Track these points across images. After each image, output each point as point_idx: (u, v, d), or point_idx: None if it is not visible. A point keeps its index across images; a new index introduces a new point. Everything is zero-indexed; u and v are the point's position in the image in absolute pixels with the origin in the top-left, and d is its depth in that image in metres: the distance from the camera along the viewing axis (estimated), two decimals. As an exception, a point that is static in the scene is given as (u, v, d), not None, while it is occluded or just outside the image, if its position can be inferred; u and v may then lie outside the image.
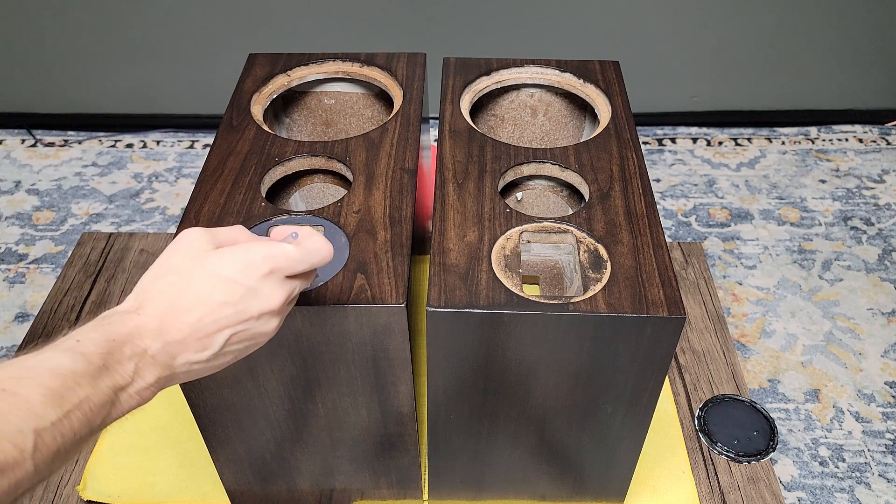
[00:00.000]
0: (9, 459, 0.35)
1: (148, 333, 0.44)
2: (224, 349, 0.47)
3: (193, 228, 0.49)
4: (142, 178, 1.71)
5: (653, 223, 0.69)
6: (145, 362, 0.43)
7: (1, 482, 0.35)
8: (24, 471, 0.36)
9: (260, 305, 0.47)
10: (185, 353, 0.45)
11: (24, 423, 0.36)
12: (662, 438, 0.92)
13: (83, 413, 0.39)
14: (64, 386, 0.38)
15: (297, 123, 0.97)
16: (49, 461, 0.37)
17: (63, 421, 0.38)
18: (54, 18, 1.67)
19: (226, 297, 0.46)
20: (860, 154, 1.76)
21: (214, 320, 0.46)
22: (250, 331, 0.48)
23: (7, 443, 0.35)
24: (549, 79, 0.89)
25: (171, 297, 0.45)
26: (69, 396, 0.38)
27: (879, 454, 1.13)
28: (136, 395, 0.43)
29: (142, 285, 0.47)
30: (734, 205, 1.61)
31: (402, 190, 0.73)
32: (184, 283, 0.46)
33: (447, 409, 0.71)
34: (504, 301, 0.61)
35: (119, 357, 0.42)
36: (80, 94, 1.81)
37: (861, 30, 1.70)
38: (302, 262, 0.49)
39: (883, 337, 1.31)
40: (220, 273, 0.46)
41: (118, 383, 0.41)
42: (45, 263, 1.48)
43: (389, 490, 0.84)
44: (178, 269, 0.47)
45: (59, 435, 0.38)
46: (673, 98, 1.81)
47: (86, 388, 0.39)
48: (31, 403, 0.37)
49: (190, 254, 0.47)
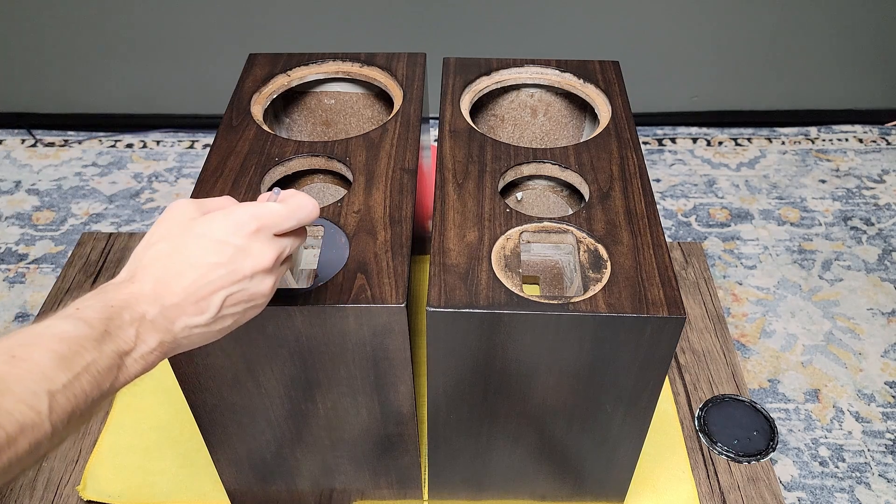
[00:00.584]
0: (27, 420, 0.36)
1: (144, 299, 0.45)
2: (222, 312, 0.48)
3: (181, 199, 0.50)
4: (142, 178, 1.71)
5: (653, 223, 0.69)
6: (145, 327, 0.44)
7: (21, 443, 0.36)
8: (43, 431, 0.37)
9: (252, 264, 0.48)
10: (183, 317, 0.46)
11: (37, 385, 0.37)
12: (662, 438, 0.92)
13: (92, 376, 0.40)
14: (70, 350, 0.39)
15: (297, 123, 0.97)
16: (65, 422, 0.39)
17: (73, 383, 0.39)
18: (54, 18, 1.67)
19: (216, 257, 0.47)
20: (860, 154, 1.76)
21: (208, 282, 0.46)
22: (246, 291, 0.49)
23: (23, 405, 0.36)
24: (549, 79, 0.89)
25: (163, 262, 0.46)
26: (76, 360, 0.39)
27: (879, 454, 1.13)
28: (141, 359, 0.44)
29: (134, 256, 0.48)
30: (734, 205, 1.61)
31: (402, 190, 0.73)
32: (174, 248, 0.47)
33: (447, 409, 0.71)
34: (504, 301, 0.61)
35: (119, 323, 0.43)
36: (80, 94, 1.81)
37: (861, 30, 1.70)
38: (289, 219, 0.50)
39: (883, 337, 1.31)
40: (209, 235, 0.47)
41: (122, 348, 0.42)
42: (45, 263, 1.48)
43: (389, 490, 0.84)
44: (167, 236, 0.48)
45: (72, 396, 0.39)
46: (673, 98, 1.81)
47: (91, 352, 0.40)
48: (41, 367, 0.38)
49: (178, 221, 0.48)
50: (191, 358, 0.67)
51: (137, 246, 0.49)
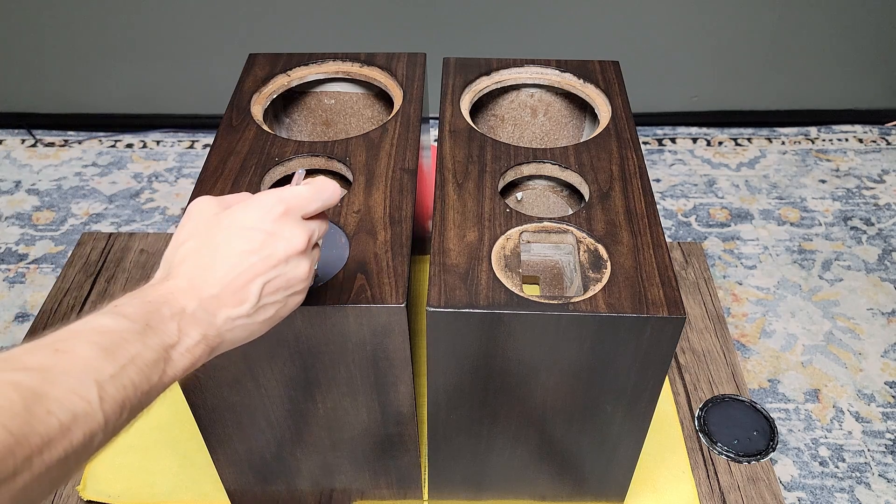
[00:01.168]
0: (79, 410, 0.36)
1: (181, 294, 0.44)
2: (262, 301, 0.47)
3: (202, 197, 0.50)
4: (142, 178, 1.71)
5: (653, 223, 0.69)
6: (186, 321, 0.44)
7: (76, 433, 0.35)
8: (96, 421, 0.37)
9: (284, 247, 0.47)
10: (224, 309, 0.46)
11: (84, 375, 0.37)
12: (662, 438, 0.92)
13: (138, 368, 0.40)
14: (113, 343, 0.39)
15: (297, 123, 0.96)
16: (117, 413, 0.38)
17: (120, 374, 0.39)
18: (54, 18, 1.67)
19: (248, 244, 0.46)
20: (860, 154, 1.76)
21: (243, 270, 0.46)
22: (283, 277, 0.48)
23: (73, 395, 0.36)
24: (549, 79, 0.89)
25: (195, 257, 0.46)
26: (120, 352, 0.39)
27: (879, 454, 1.13)
28: (187, 353, 0.44)
29: (165, 258, 0.48)
30: (734, 205, 1.61)
31: (402, 190, 0.73)
32: (203, 243, 0.47)
33: (447, 409, 0.71)
34: (504, 301, 0.61)
35: (159, 318, 0.42)
36: (80, 94, 1.81)
37: (861, 30, 1.70)
38: (314, 200, 0.50)
39: (883, 337, 1.31)
40: (237, 224, 0.47)
41: (166, 342, 0.42)
42: (45, 263, 1.48)
43: (389, 490, 0.84)
44: (195, 233, 0.47)
45: (121, 387, 0.38)
46: (673, 98, 1.81)
47: (135, 345, 0.40)
48: (86, 359, 0.38)
49: (203, 218, 0.48)
50: (191, 358, 0.67)
51: (167, 249, 0.49)
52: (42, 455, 0.34)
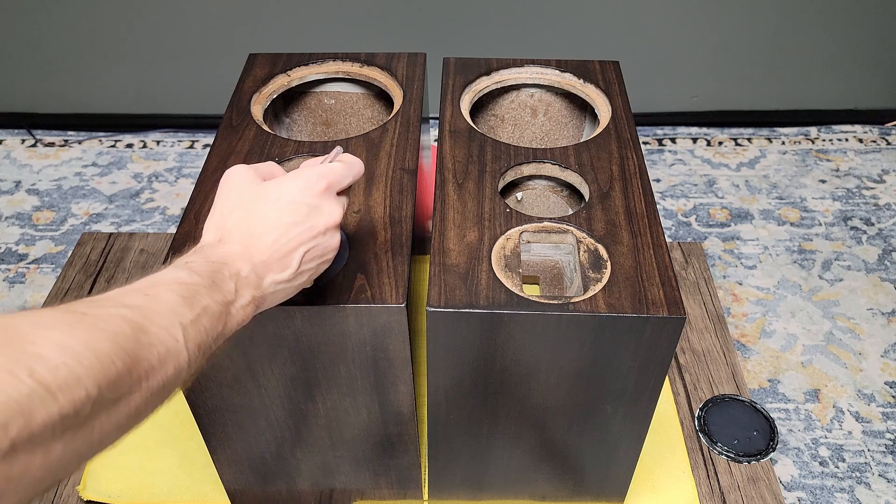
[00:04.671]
0: (171, 346, 0.40)
1: (237, 257, 0.49)
2: (301, 267, 0.52)
3: (237, 166, 0.54)
4: (142, 178, 1.71)
5: (653, 223, 0.69)
6: (241, 282, 0.49)
7: (168, 367, 0.39)
8: (184, 358, 0.41)
9: (325, 220, 0.53)
10: (271, 273, 0.51)
11: (172, 317, 0.41)
12: (662, 438, 0.92)
13: (208, 318, 0.44)
14: (190, 293, 0.43)
15: (297, 123, 0.96)
16: (196, 354, 0.42)
17: (197, 321, 0.43)
18: (54, 18, 1.67)
19: (293, 216, 0.51)
20: (860, 154, 1.76)
21: (289, 239, 0.51)
22: (320, 246, 0.53)
23: (165, 332, 0.40)
24: (549, 79, 0.89)
25: (247, 226, 0.51)
26: (195, 301, 0.43)
27: (879, 454, 1.13)
28: (241, 310, 0.48)
29: (214, 223, 0.52)
30: (734, 205, 1.61)
31: (402, 190, 0.73)
32: (252, 213, 0.51)
33: (447, 409, 0.71)
34: (504, 301, 0.61)
35: (221, 277, 0.47)
36: (80, 94, 1.81)
37: (861, 30, 1.70)
38: (347, 176, 0.55)
39: (883, 337, 1.31)
40: (284, 197, 0.52)
41: (227, 298, 0.47)
42: (45, 263, 1.48)
43: (389, 490, 0.84)
44: (241, 204, 0.52)
45: (198, 332, 0.43)
46: (673, 98, 1.81)
47: (205, 298, 0.44)
48: (170, 303, 0.42)
49: (246, 188, 0.52)
50: (191, 358, 0.67)
51: (211, 214, 0.53)
52: (148, 380, 0.38)
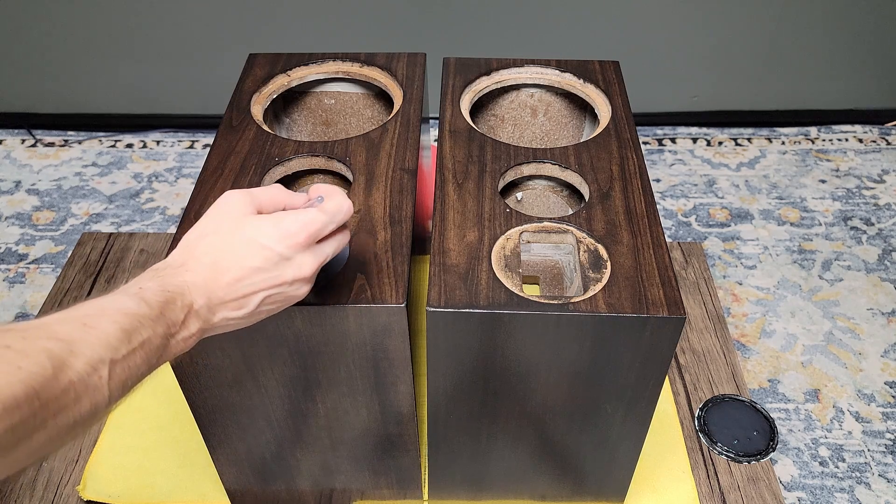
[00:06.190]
0: (91, 384, 0.40)
1: (195, 289, 0.48)
2: (258, 308, 0.52)
3: (235, 191, 0.53)
4: (142, 178, 1.71)
5: (653, 223, 0.69)
6: (192, 314, 0.48)
7: (84, 404, 0.39)
8: (102, 396, 0.40)
9: (293, 273, 0.52)
10: (224, 311, 0.50)
11: (103, 352, 0.41)
12: (662, 438, 0.92)
13: (145, 352, 0.44)
14: (132, 326, 0.43)
15: (297, 123, 0.96)
16: (118, 392, 0.42)
17: (130, 356, 0.42)
18: (54, 18, 1.67)
19: (262, 262, 0.50)
20: (860, 154, 1.76)
21: (251, 283, 0.50)
22: (283, 294, 0.53)
23: (91, 369, 0.40)
24: (549, 79, 0.89)
25: (214, 257, 0.50)
26: (136, 335, 0.43)
27: (879, 454, 1.13)
28: (182, 341, 0.48)
29: (186, 242, 0.51)
30: (734, 205, 1.61)
31: (402, 190, 0.73)
32: (225, 245, 0.50)
33: (447, 409, 0.71)
34: (504, 301, 0.61)
35: (173, 307, 0.46)
36: (80, 94, 1.81)
37: (861, 30, 1.70)
38: (331, 224, 0.54)
39: (883, 337, 1.31)
40: (259, 240, 0.50)
41: (170, 330, 0.46)
42: (45, 263, 1.48)
43: (389, 490, 0.84)
44: (219, 230, 0.51)
45: (127, 368, 0.42)
46: (673, 98, 1.81)
47: (148, 330, 0.44)
48: (108, 336, 0.41)
49: (231, 216, 0.51)
50: (191, 358, 0.67)
51: (190, 231, 0.52)
52: (56, 419, 0.37)
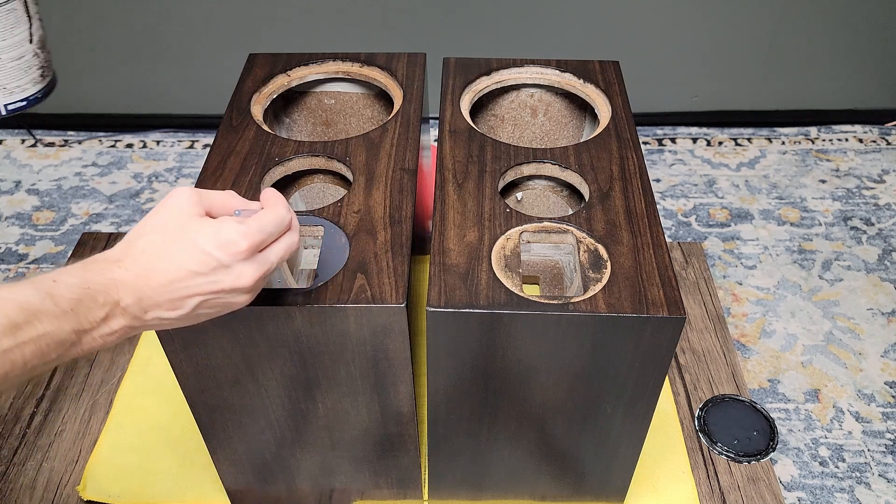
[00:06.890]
0: None
1: (123, 287, 0.47)
2: (195, 311, 0.50)
3: (184, 188, 0.52)
4: (142, 178, 1.71)
5: (653, 223, 0.69)
6: (116, 312, 0.46)
7: None
8: None
9: (231, 281, 0.50)
10: (157, 310, 0.49)
11: None
12: (662, 438, 0.92)
13: (38, 347, 0.42)
14: (25, 320, 0.41)
15: (297, 123, 0.97)
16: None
17: (14, 350, 0.41)
18: (53, 18, 1.67)
19: (199, 266, 0.49)
20: (860, 154, 1.76)
21: (187, 286, 0.49)
22: (221, 300, 0.51)
23: None
24: (549, 79, 0.89)
25: (151, 256, 0.48)
26: (27, 329, 0.41)
27: (879, 454, 1.13)
28: (100, 338, 0.46)
29: (128, 238, 0.50)
30: (734, 205, 1.61)
31: (402, 190, 0.73)
32: (164, 244, 0.49)
33: (447, 409, 0.71)
34: (504, 301, 0.61)
35: (90, 304, 0.45)
36: (80, 94, 1.81)
37: (861, 30, 1.70)
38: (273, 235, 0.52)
39: (883, 337, 1.31)
40: (198, 244, 0.49)
41: (83, 327, 0.44)
42: (45, 263, 1.48)
43: (389, 490, 0.84)
44: (162, 228, 0.49)
45: (8, 361, 0.41)
46: (673, 98, 1.81)
47: (46, 326, 0.42)
48: None
49: (176, 215, 0.50)
50: (191, 358, 0.67)
51: (135, 226, 0.51)
52: None
